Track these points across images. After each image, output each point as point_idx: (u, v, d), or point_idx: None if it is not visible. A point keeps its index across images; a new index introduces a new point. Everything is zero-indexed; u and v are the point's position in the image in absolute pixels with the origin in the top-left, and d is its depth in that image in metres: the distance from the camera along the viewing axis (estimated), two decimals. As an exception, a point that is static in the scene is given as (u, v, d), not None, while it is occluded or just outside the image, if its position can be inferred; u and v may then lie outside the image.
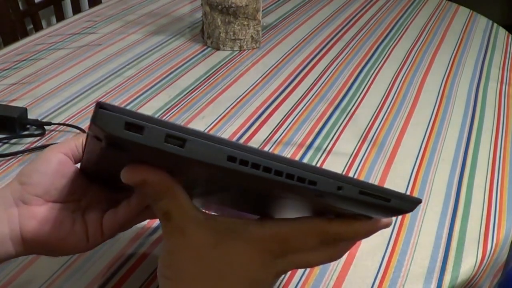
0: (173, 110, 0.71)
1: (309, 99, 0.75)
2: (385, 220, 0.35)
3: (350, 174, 0.59)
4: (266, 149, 0.63)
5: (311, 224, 0.33)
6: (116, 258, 0.47)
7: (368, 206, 0.32)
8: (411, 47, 0.92)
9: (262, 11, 0.89)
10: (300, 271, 0.46)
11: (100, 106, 0.26)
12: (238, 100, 0.74)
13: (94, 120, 0.26)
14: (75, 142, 0.40)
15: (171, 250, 0.32)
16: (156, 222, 0.51)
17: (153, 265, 0.47)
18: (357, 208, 0.32)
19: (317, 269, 0.46)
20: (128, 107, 0.72)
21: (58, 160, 0.38)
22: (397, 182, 0.58)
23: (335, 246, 0.35)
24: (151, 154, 0.28)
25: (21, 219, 0.37)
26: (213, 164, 0.28)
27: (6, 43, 1.18)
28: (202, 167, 0.28)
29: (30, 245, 0.37)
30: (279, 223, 0.33)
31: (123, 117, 0.26)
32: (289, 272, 0.46)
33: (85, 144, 0.35)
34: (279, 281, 0.45)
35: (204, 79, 0.80)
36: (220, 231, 0.32)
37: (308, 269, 0.46)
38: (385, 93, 0.77)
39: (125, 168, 0.31)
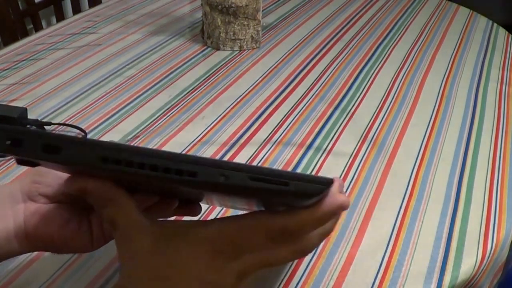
0: (173, 110, 0.71)
1: (309, 99, 0.75)
2: (336, 202, 0.31)
3: (350, 174, 0.59)
4: (266, 149, 0.63)
5: (254, 221, 0.31)
6: (116, 258, 0.47)
7: (268, 194, 0.28)
8: (411, 47, 0.92)
9: (262, 11, 0.89)
10: (300, 271, 0.46)
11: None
12: (238, 100, 0.74)
13: None
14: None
15: (121, 258, 0.32)
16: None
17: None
18: (260, 197, 0.30)
19: (317, 269, 0.46)
20: (128, 107, 0.72)
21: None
22: (397, 182, 0.58)
23: (296, 241, 0.32)
24: (79, 164, 0.29)
25: (26, 215, 0.37)
26: (89, 166, 0.29)
27: (6, 43, 1.18)
28: (88, 169, 0.29)
29: (34, 241, 0.37)
30: (224, 222, 0.32)
31: (4, 133, 0.28)
32: (289, 272, 0.46)
33: None
34: (279, 282, 0.45)
35: (204, 79, 0.80)
36: (166, 236, 0.32)
37: (308, 269, 0.46)
38: (385, 93, 0.77)
39: (66, 178, 0.32)
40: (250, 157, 0.62)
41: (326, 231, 0.34)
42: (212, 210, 0.53)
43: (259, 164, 0.60)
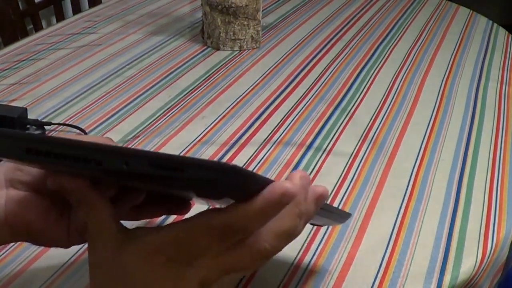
0: (173, 110, 0.71)
1: (309, 99, 0.75)
2: (277, 190, 0.28)
3: (350, 174, 0.59)
4: (266, 149, 0.63)
5: (196, 220, 0.29)
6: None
7: (167, 181, 0.26)
8: (411, 47, 0.92)
9: (262, 11, 0.90)
10: (300, 271, 0.46)
11: None
12: (238, 100, 0.74)
13: None
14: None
15: (89, 263, 0.31)
16: (157, 220, 0.51)
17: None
18: (168, 187, 0.28)
19: (317, 269, 0.46)
20: (128, 107, 0.72)
21: None
22: (397, 182, 0.58)
23: (249, 242, 0.30)
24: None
25: (7, 201, 0.36)
26: (13, 158, 0.29)
27: (6, 43, 1.18)
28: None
29: (13, 228, 0.36)
30: (174, 226, 0.29)
31: None
32: (289, 272, 0.46)
33: None
34: (279, 282, 0.45)
35: (204, 79, 0.80)
36: (126, 245, 0.30)
37: (308, 269, 0.46)
38: (385, 93, 0.77)
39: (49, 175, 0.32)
40: (250, 157, 0.62)
41: (285, 231, 0.30)
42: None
43: (259, 164, 0.60)
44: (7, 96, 0.74)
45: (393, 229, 0.51)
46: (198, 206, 0.39)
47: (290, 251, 0.48)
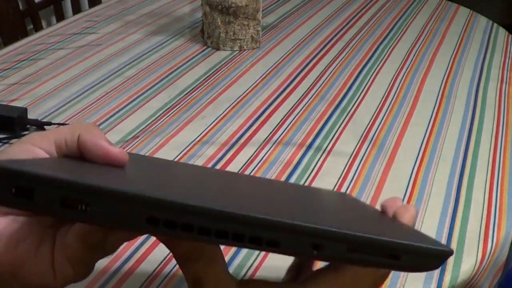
0: (173, 110, 0.71)
1: (309, 99, 0.75)
2: None
3: (350, 174, 0.59)
4: (266, 149, 0.63)
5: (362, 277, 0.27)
6: (116, 258, 0.47)
7: (371, 266, 0.23)
8: (411, 47, 0.92)
9: (262, 11, 0.89)
10: (300, 271, 0.46)
11: None
12: (238, 100, 0.74)
13: None
14: (65, 136, 0.30)
15: None
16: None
17: (153, 265, 0.47)
18: (341, 263, 0.25)
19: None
20: (128, 107, 0.72)
21: (32, 156, 0.29)
22: (397, 182, 0.58)
23: None
24: None
25: None
26: (131, 228, 0.22)
27: (6, 43, 1.18)
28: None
29: None
30: (328, 282, 0.27)
31: (6, 180, 0.21)
32: (289, 272, 0.46)
33: None
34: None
35: (204, 79, 0.80)
36: None
37: (308, 269, 0.46)
38: (385, 93, 0.77)
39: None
40: (250, 157, 0.62)
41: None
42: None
43: (258, 164, 0.60)
44: (7, 96, 0.74)
45: (393, 229, 0.51)
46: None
47: (290, 251, 0.48)
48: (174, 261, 0.47)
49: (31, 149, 0.29)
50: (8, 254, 0.27)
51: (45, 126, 0.66)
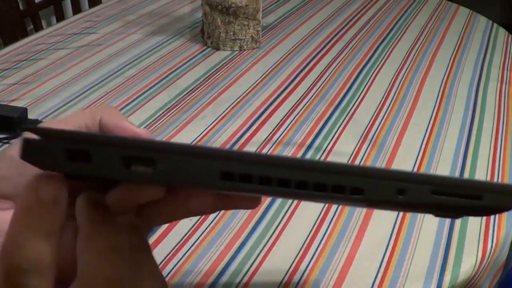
0: (173, 110, 0.71)
1: (309, 99, 0.75)
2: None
3: (350, 174, 0.59)
4: (266, 149, 0.63)
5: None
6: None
7: (452, 209, 0.22)
8: (411, 47, 0.92)
9: (262, 11, 0.89)
10: (300, 271, 0.46)
11: (28, 137, 0.19)
12: (238, 100, 0.74)
13: (23, 156, 0.19)
14: (85, 120, 0.28)
15: None
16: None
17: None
18: (422, 210, 0.24)
19: (317, 269, 0.46)
20: (128, 107, 0.72)
21: None
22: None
23: None
24: None
25: None
26: (202, 186, 0.20)
27: (6, 43, 1.18)
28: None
29: None
30: None
31: (62, 144, 0.19)
32: (289, 272, 0.46)
33: None
34: (279, 282, 0.45)
35: (204, 79, 0.80)
36: None
37: (308, 269, 0.46)
38: (385, 93, 0.77)
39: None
40: (250, 157, 0.62)
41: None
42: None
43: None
44: (7, 96, 0.74)
45: (393, 229, 0.51)
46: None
47: (290, 250, 0.48)
48: (175, 260, 0.47)
49: None
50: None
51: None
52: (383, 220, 0.52)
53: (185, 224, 0.51)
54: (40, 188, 0.20)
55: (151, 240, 0.49)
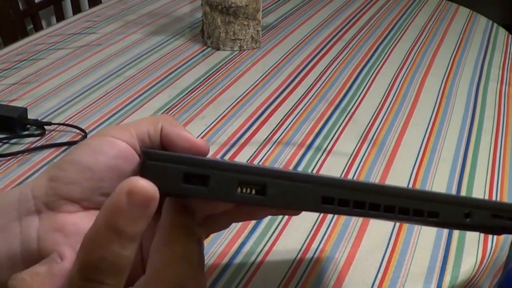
0: (173, 110, 0.71)
1: (309, 99, 0.75)
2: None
3: (350, 175, 0.59)
4: (266, 149, 0.63)
5: None
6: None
7: (499, 230, 0.26)
8: (411, 47, 0.92)
9: (262, 11, 0.89)
10: (300, 271, 0.46)
11: (148, 157, 0.21)
12: (238, 100, 0.74)
13: (143, 173, 0.21)
14: (147, 127, 0.28)
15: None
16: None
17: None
18: (480, 231, 0.27)
19: (317, 269, 0.46)
20: (128, 107, 0.72)
21: (116, 150, 0.27)
22: (397, 182, 0.58)
23: None
24: None
25: (41, 231, 0.26)
26: (305, 209, 0.23)
27: (6, 43, 1.18)
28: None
29: None
30: None
31: (181, 167, 0.21)
32: (289, 272, 0.46)
33: None
34: (279, 282, 0.45)
35: (204, 79, 0.80)
36: None
37: (308, 269, 0.46)
38: (385, 93, 0.77)
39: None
40: (250, 157, 0.62)
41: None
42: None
43: (259, 164, 0.60)
44: (7, 96, 0.74)
45: (393, 229, 0.51)
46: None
47: (290, 251, 0.48)
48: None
49: (113, 141, 0.27)
50: None
51: (45, 126, 0.66)
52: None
53: (185, 224, 0.51)
54: (133, 192, 0.21)
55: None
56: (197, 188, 0.22)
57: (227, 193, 0.22)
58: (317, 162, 0.61)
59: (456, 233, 0.51)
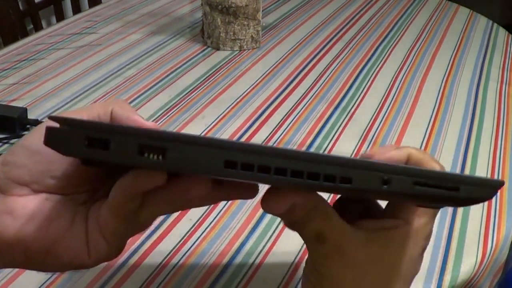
0: (173, 110, 0.71)
1: (309, 99, 0.75)
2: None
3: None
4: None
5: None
6: (115, 260, 0.47)
7: (432, 200, 0.25)
8: (411, 47, 0.92)
9: (262, 11, 0.89)
10: (300, 271, 0.46)
11: (53, 121, 0.22)
12: (238, 100, 0.74)
13: (48, 136, 0.22)
14: (98, 111, 0.29)
15: (329, 275, 0.29)
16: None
17: (153, 265, 0.47)
18: (406, 200, 0.27)
19: (317, 269, 0.46)
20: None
21: None
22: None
23: None
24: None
25: (28, 211, 0.27)
26: (207, 173, 0.23)
27: (6, 43, 1.18)
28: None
29: (6, 252, 0.27)
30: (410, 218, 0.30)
31: (84, 131, 0.22)
32: (290, 272, 0.46)
33: None
34: (279, 282, 0.45)
35: (204, 79, 0.80)
36: (374, 241, 0.29)
37: (308, 269, 0.46)
38: (385, 93, 0.77)
39: (265, 197, 0.26)
40: (250, 157, 0.62)
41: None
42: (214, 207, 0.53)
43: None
44: (7, 96, 0.74)
45: (393, 229, 0.51)
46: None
47: (290, 251, 0.48)
48: (175, 260, 0.47)
49: None
50: (42, 232, 0.27)
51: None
52: (383, 220, 0.52)
53: (185, 224, 0.51)
54: None
55: (151, 240, 0.49)
56: (99, 152, 0.22)
57: (128, 157, 0.22)
58: (317, 162, 0.61)
59: (456, 233, 0.51)
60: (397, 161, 0.30)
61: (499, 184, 0.25)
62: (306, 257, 0.31)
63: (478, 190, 0.24)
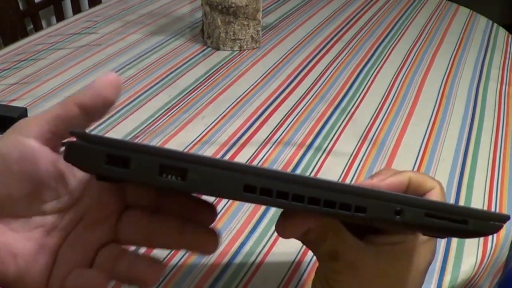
0: (173, 110, 0.71)
1: (309, 99, 0.75)
2: None
3: (350, 175, 0.59)
4: (266, 149, 0.63)
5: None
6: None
7: (441, 231, 0.26)
8: (411, 47, 0.92)
9: (262, 11, 0.89)
10: (300, 271, 0.46)
11: (74, 137, 0.22)
12: (238, 100, 0.74)
13: (67, 152, 0.22)
14: (56, 110, 0.26)
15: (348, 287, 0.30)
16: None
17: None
18: (414, 230, 0.29)
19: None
20: (128, 107, 0.72)
21: (18, 152, 0.25)
22: (397, 182, 0.58)
23: None
24: None
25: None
26: (226, 196, 0.23)
27: (6, 43, 1.18)
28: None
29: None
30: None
31: (104, 149, 0.22)
32: (290, 272, 0.46)
33: None
34: (279, 282, 0.45)
35: (204, 79, 0.80)
36: (382, 254, 0.30)
37: (308, 269, 0.46)
38: (385, 93, 0.77)
39: (280, 222, 0.26)
40: (250, 157, 0.62)
41: None
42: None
43: (258, 164, 0.60)
44: (7, 96, 0.74)
45: (393, 229, 0.51)
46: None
47: (290, 251, 0.48)
48: (176, 259, 0.47)
49: (18, 141, 0.25)
50: (6, 265, 0.26)
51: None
52: (383, 220, 0.52)
53: (185, 224, 0.51)
54: None
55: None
56: (118, 170, 0.22)
57: (148, 176, 0.22)
58: (317, 162, 0.61)
59: (456, 233, 0.51)
60: (398, 186, 0.31)
61: (506, 218, 0.26)
62: (317, 268, 0.32)
63: (485, 225, 0.25)
